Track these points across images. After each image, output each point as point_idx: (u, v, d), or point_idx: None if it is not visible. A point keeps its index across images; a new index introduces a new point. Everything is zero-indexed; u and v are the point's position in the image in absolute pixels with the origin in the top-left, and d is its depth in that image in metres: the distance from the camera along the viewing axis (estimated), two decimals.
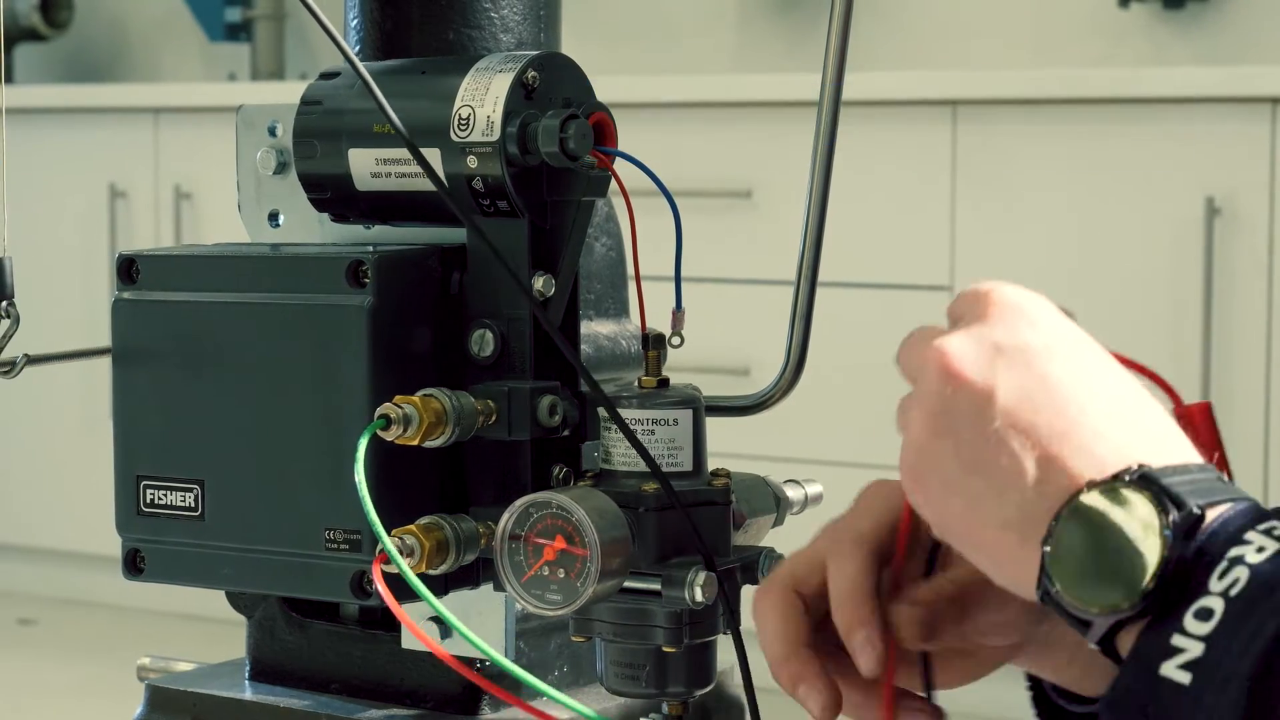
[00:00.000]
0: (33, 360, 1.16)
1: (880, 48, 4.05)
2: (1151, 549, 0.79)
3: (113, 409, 1.13)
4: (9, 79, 4.64)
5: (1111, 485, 0.80)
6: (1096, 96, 3.28)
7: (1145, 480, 0.80)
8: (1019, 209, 3.32)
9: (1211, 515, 0.79)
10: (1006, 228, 3.31)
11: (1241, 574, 0.77)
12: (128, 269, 1.13)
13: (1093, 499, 0.80)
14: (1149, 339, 3.18)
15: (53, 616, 4.22)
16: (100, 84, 4.85)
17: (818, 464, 3.34)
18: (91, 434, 4.13)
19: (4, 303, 1.15)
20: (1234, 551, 0.78)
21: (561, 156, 1.05)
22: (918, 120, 3.40)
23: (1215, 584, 0.78)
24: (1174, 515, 0.79)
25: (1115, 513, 0.80)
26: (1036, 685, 0.97)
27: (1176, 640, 0.78)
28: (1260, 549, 0.77)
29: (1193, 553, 0.79)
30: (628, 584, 1.02)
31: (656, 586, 1.01)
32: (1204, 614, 0.78)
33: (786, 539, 1.18)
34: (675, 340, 1.10)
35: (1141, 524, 0.79)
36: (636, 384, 1.07)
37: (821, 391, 3.38)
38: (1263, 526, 0.78)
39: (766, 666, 0.89)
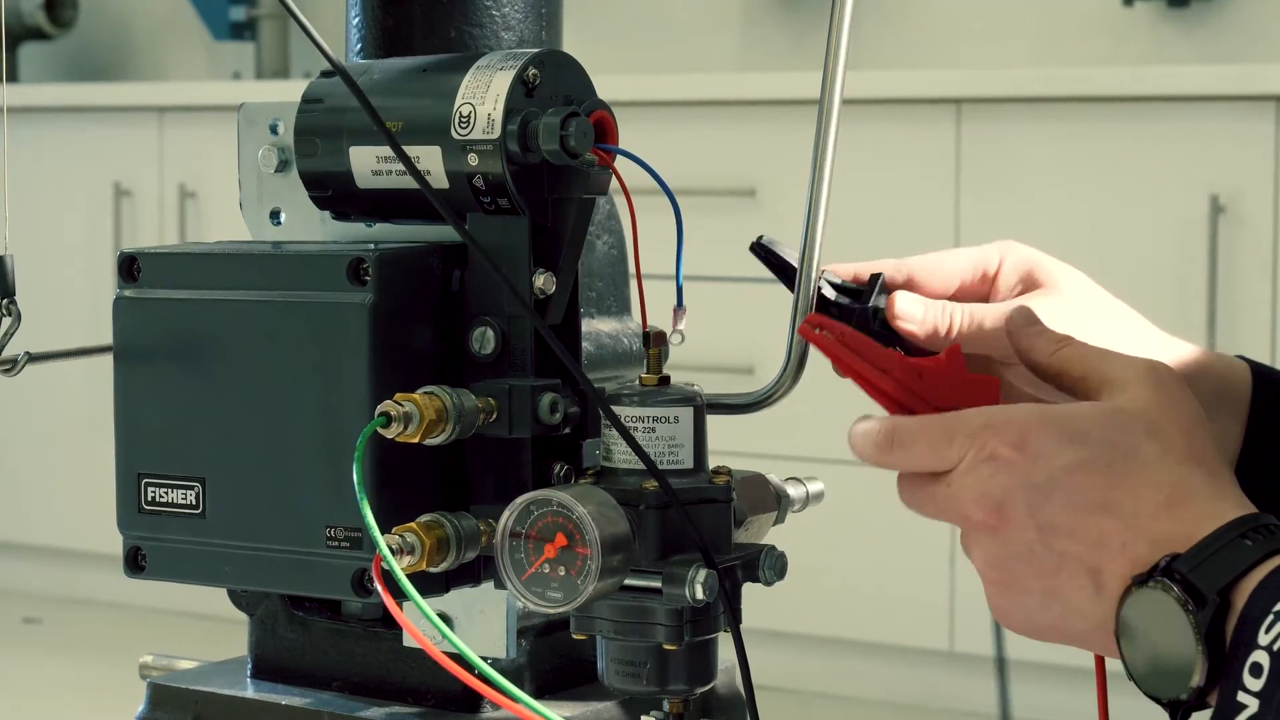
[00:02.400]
0: (34, 358, 1.16)
1: (884, 46, 4.04)
2: (1190, 648, 0.87)
3: (114, 407, 1.13)
4: (14, 78, 4.65)
5: (1143, 589, 0.89)
6: (1101, 95, 3.28)
7: (1169, 580, 0.88)
8: (1023, 207, 3.31)
9: (1249, 584, 0.87)
10: (1011, 226, 3.31)
11: None
12: (129, 267, 1.13)
13: (1132, 608, 0.89)
14: None
15: (57, 615, 4.22)
16: (105, 83, 4.85)
17: (819, 462, 3.33)
18: (96, 433, 4.13)
19: (5, 300, 1.15)
20: (1279, 605, 0.85)
21: (562, 154, 1.05)
22: (922, 119, 3.40)
23: (1263, 637, 0.85)
24: (1197, 615, 0.87)
25: (1153, 621, 0.89)
26: None
27: (1240, 697, 0.85)
28: None
29: (1236, 623, 0.86)
30: (628, 582, 1.02)
31: (657, 584, 1.01)
32: (1256, 669, 0.85)
33: (788, 537, 1.18)
34: (675, 338, 1.10)
35: (1176, 628, 0.88)
36: (637, 382, 1.07)
37: (824, 390, 3.38)
38: None
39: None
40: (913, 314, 1.07)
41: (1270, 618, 0.85)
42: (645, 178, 1.09)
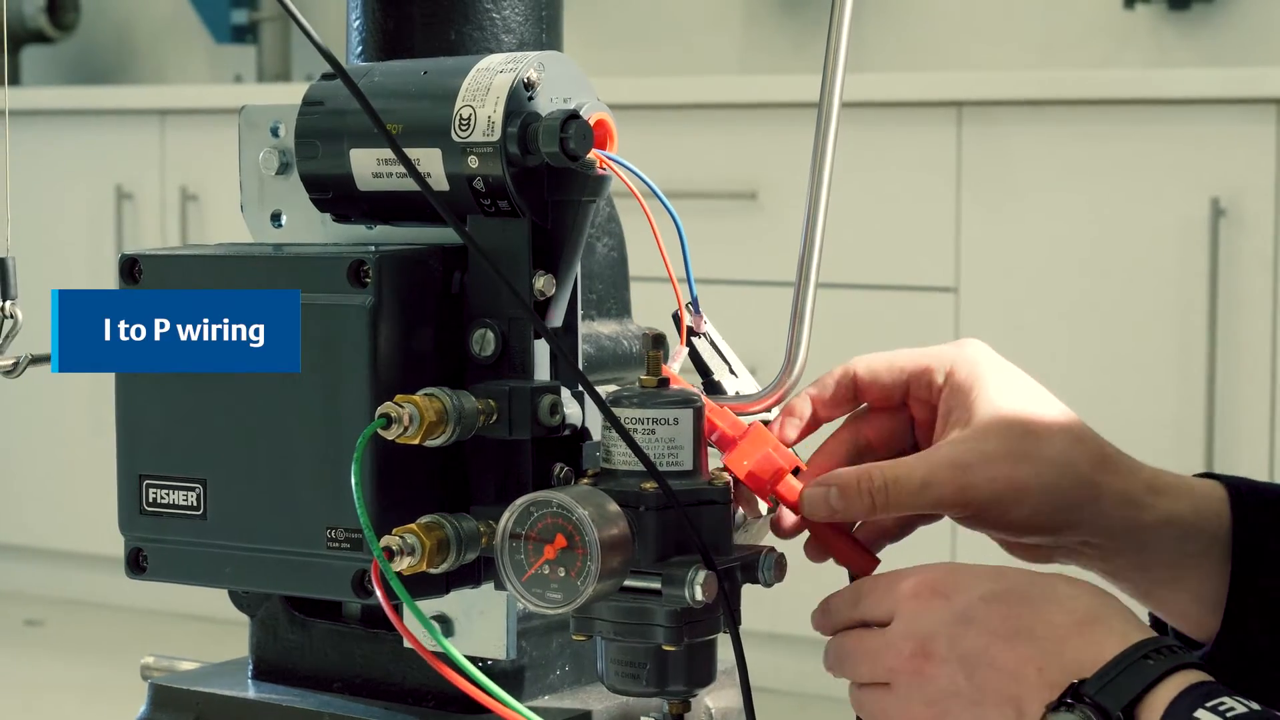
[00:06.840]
0: (36, 360, 1.16)
1: (885, 49, 4.05)
2: None
3: (115, 408, 1.14)
4: (16, 81, 4.65)
5: (1056, 714, 0.94)
6: (1102, 98, 3.28)
7: (1075, 702, 0.93)
8: (1024, 210, 3.32)
9: (1155, 701, 0.92)
10: (1012, 229, 3.31)
11: None
12: (130, 269, 1.13)
13: None
14: (1154, 340, 3.18)
15: (59, 617, 4.22)
16: (107, 86, 4.86)
17: None
18: (98, 435, 4.13)
19: (7, 303, 1.15)
20: None
21: (562, 157, 1.05)
22: (923, 122, 3.41)
23: None
24: None
25: None
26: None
27: None
28: None
29: None
30: (628, 583, 1.02)
31: (656, 585, 1.02)
32: None
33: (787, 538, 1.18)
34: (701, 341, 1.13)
35: None
36: (637, 384, 1.07)
37: None
38: (1211, 703, 0.90)
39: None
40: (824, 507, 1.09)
41: None
42: (652, 182, 1.09)
